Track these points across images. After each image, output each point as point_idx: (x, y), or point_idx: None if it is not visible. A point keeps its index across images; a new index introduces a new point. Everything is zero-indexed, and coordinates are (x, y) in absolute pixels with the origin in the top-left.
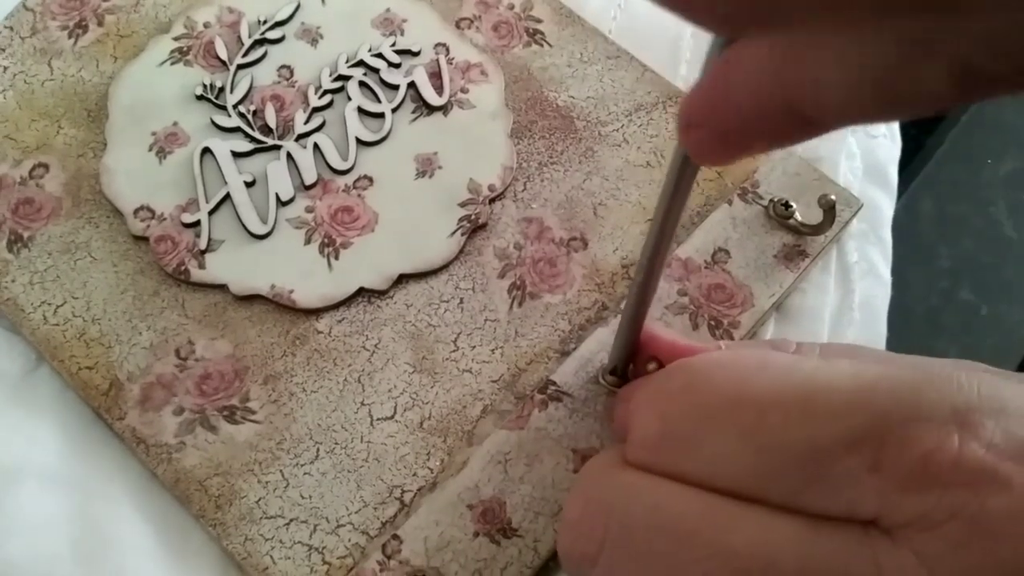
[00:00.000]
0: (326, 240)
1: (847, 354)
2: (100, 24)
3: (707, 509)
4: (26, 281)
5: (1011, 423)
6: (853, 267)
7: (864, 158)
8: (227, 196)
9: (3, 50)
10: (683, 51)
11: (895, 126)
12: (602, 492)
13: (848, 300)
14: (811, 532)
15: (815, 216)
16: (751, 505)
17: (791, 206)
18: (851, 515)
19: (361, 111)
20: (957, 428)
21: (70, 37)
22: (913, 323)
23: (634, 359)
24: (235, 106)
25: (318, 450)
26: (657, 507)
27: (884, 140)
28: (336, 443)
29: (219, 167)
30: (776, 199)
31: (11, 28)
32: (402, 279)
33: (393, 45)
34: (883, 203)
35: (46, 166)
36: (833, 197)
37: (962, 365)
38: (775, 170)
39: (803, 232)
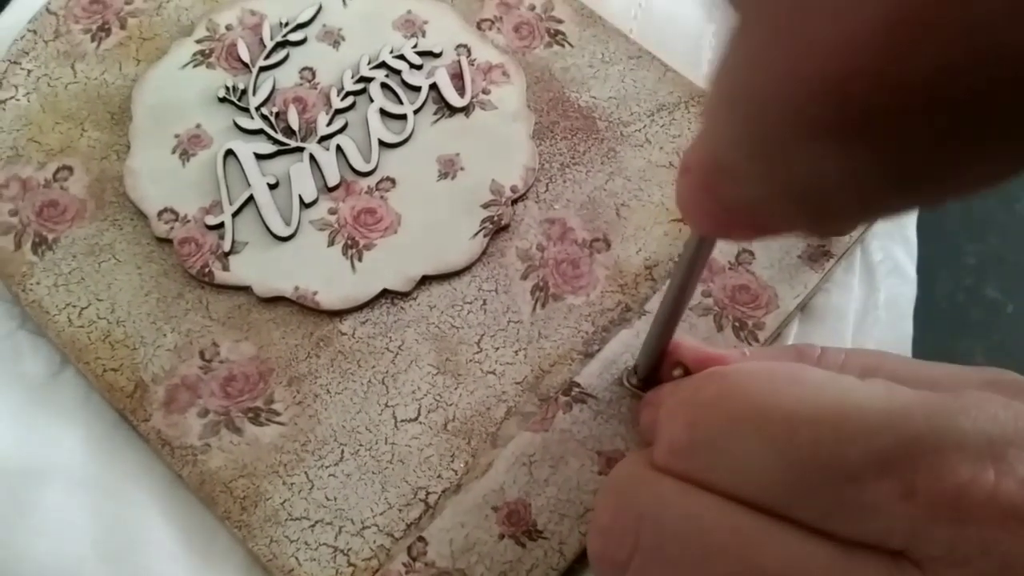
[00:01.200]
0: (349, 242)
1: (873, 361)
2: (123, 27)
3: (738, 524)
4: (51, 283)
5: None
6: (878, 266)
7: None
8: (250, 198)
9: (27, 54)
10: (705, 50)
11: None
12: (633, 499)
13: (873, 299)
14: (842, 559)
15: None
16: (783, 524)
17: None
18: (881, 542)
19: (383, 113)
20: (992, 461)
21: (93, 40)
22: (939, 321)
23: (660, 364)
24: (258, 108)
25: (343, 452)
26: (688, 518)
27: None
28: (360, 445)
29: (242, 169)
30: None
31: (34, 32)
32: (425, 281)
33: (415, 47)
34: None
35: (70, 168)
36: None
37: (991, 374)
38: None
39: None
